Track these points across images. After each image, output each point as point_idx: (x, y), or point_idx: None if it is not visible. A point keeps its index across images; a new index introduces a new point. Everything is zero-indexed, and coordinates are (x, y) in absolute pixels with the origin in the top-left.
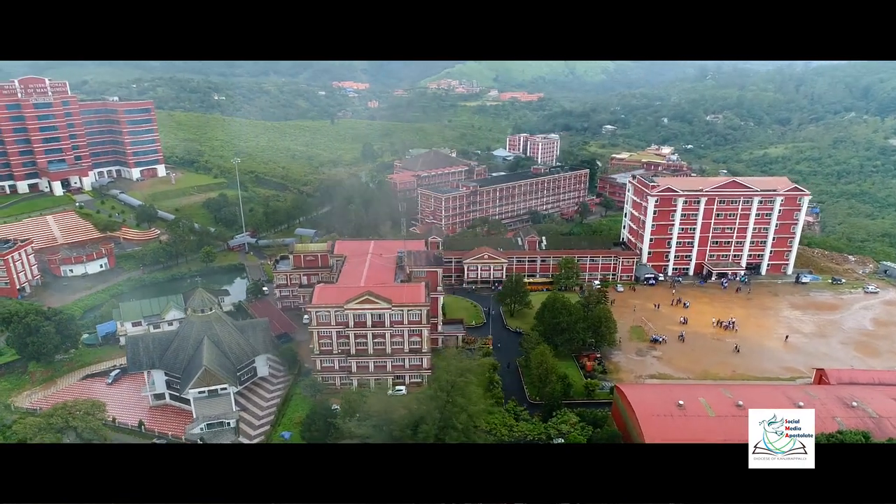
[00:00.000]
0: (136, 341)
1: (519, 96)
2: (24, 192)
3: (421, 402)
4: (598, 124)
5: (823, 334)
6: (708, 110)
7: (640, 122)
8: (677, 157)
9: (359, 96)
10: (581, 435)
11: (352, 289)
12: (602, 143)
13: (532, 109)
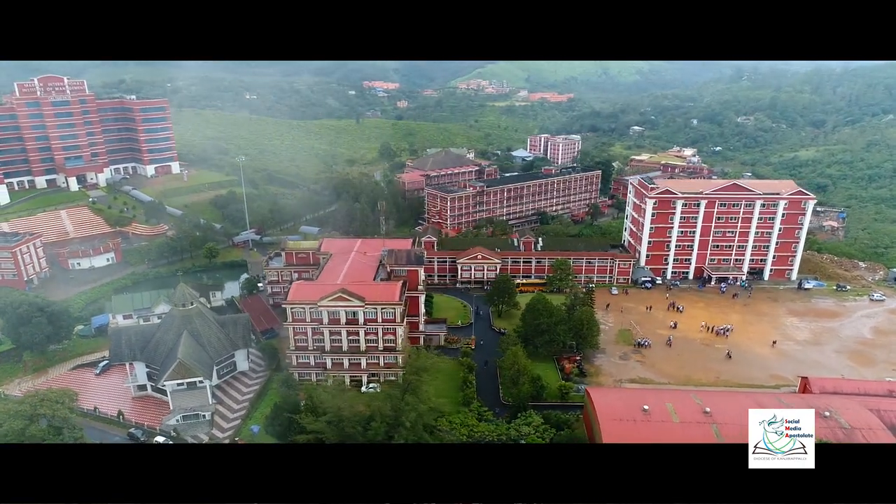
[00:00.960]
0: (119, 333)
1: (548, 97)
2: (42, 187)
3: (376, 399)
4: (626, 125)
5: (818, 342)
6: (739, 112)
7: (668, 123)
8: (698, 159)
9: (388, 96)
10: (540, 437)
11: (326, 286)
12: (627, 145)
13: (561, 110)
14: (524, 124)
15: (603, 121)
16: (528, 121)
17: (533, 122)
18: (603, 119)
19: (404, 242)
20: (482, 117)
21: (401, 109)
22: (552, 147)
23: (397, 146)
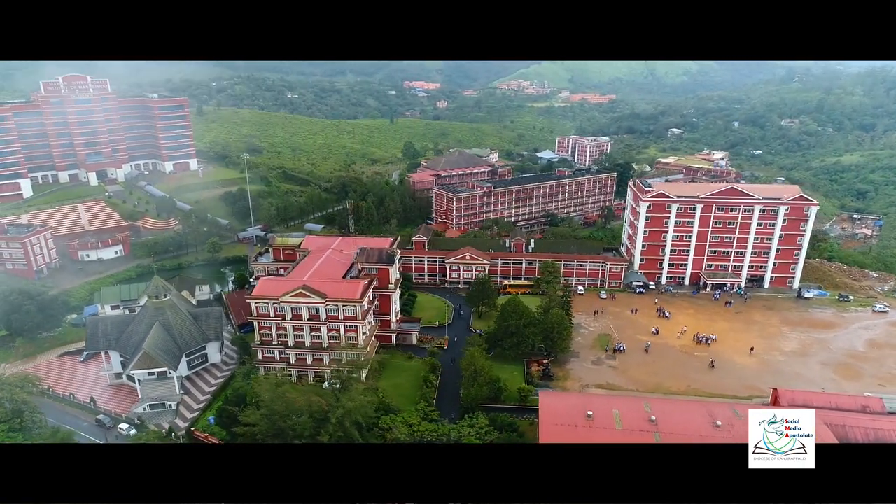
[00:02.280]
0: (95, 323)
1: (589, 98)
2: (65, 181)
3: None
4: (665, 127)
5: (805, 353)
6: (784, 114)
7: (709, 125)
8: (726, 162)
9: (428, 96)
10: (478, 439)
11: (290, 282)
12: (662, 147)
13: (602, 111)
14: (561, 125)
15: (642, 122)
16: (565, 122)
17: (571, 124)
18: (642, 121)
19: (383, 241)
20: (519, 118)
21: (439, 110)
22: (580, 148)
23: (423, 146)
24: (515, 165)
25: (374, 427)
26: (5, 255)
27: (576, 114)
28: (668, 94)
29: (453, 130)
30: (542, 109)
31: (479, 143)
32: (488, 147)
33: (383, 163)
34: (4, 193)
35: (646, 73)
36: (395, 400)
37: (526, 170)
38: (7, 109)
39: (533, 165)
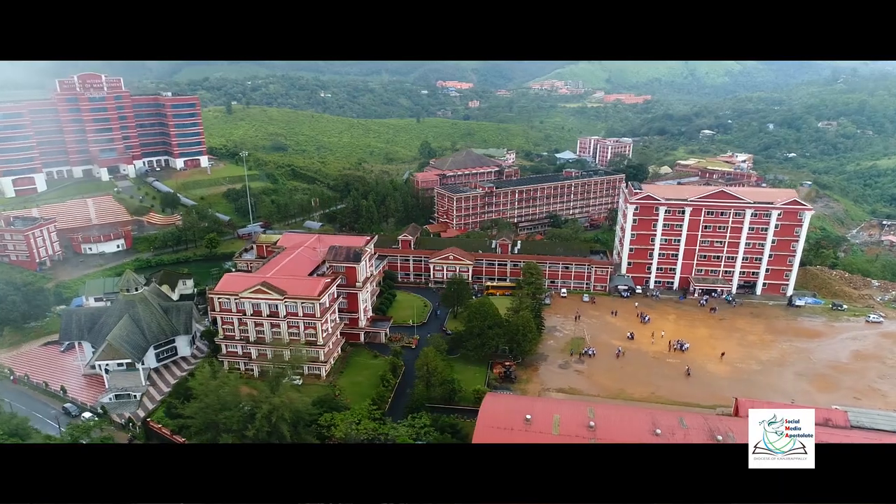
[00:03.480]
0: (69, 314)
1: (624, 98)
2: (79, 176)
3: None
4: (697, 129)
5: (783, 363)
6: (822, 116)
7: (742, 127)
8: (748, 165)
9: (460, 96)
10: (412, 438)
11: (252, 278)
12: (692, 149)
13: (636, 112)
14: (591, 126)
15: (674, 124)
16: (596, 122)
17: (601, 124)
18: (675, 122)
19: (358, 240)
20: (548, 118)
21: (470, 109)
22: (601, 149)
23: (440, 146)
24: (532, 166)
25: (314, 424)
26: (9, 247)
27: (609, 114)
28: (708, 94)
29: (479, 130)
30: (574, 110)
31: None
32: (505, 147)
33: (400, 162)
34: (20, 187)
35: (685, 74)
36: (351, 397)
37: (541, 170)
38: (23, 106)
39: (548, 166)
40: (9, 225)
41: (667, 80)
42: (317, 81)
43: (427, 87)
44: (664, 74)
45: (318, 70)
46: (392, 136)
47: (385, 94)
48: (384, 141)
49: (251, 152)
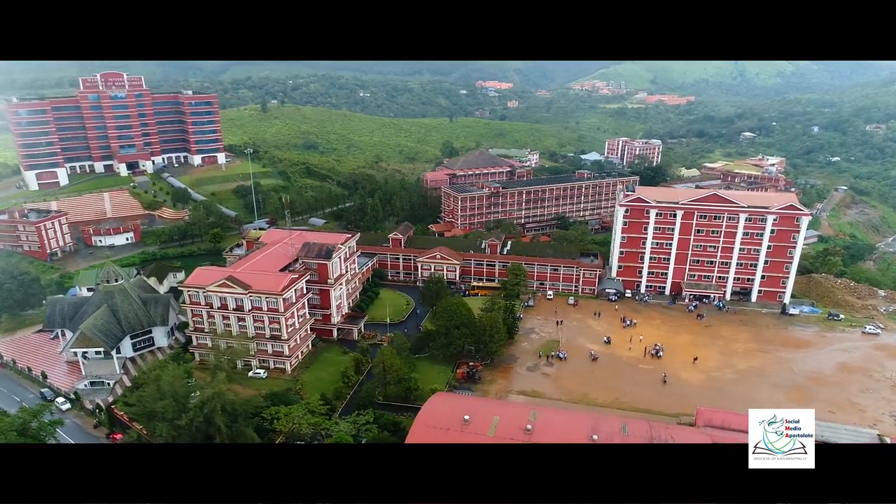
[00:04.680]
0: (54, 303)
1: (667, 99)
2: (100, 171)
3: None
4: (738, 131)
5: (762, 373)
6: (871, 119)
7: (785, 130)
8: (777, 168)
9: (499, 96)
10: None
11: (220, 272)
12: (729, 151)
13: (678, 113)
14: (629, 127)
15: (715, 126)
16: (635, 124)
17: (640, 126)
18: (716, 124)
19: (339, 237)
20: (585, 119)
21: (508, 109)
22: (629, 151)
23: (463, 145)
24: (553, 167)
25: (257, 416)
26: (22, 238)
27: (649, 116)
28: (757, 96)
29: (511, 130)
30: (614, 111)
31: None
32: (528, 148)
33: (422, 161)
34: (43, 181)
35: (734, 75)
36: (312, 392)
37: (561, 171)
38: (46, 104)
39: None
40: (23, 217)
41: (714, 80)
42: (356, 81)
43: (466, 86)
44: (712, 75)
45: (361, 70)
46: (423, 135)
47: (423, 93)
48: (414, 140)
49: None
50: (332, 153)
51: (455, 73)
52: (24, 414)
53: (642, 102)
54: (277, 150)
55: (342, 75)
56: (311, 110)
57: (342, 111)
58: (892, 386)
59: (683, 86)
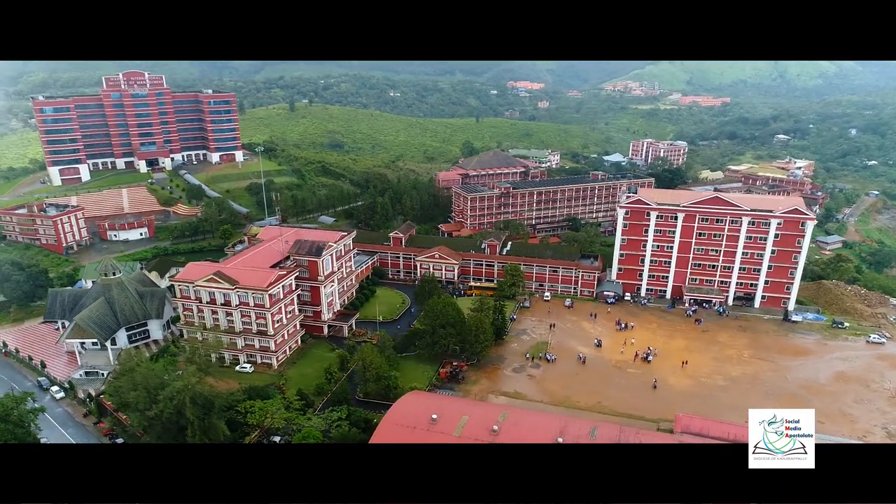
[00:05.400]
0: (54, 295)
1: (701, 100)
2: (121, 168)
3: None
4: (772, 133)
5: (754, 381)
6: None
7: (822, 132)
8: (803, 172)
9: (530, 96)
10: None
11: (210, 267)
12: (759, 154)
13: (712, 115)
14: (660, 128)
15: (748, 128)
16: (666, 125)
17: (671, 127)
18: (750, 126)
19: (333, 234)
20: (615, 120)
21: (539, 110)
22: (653, 152)
23: (483, 145)
24: (576, 168)
25: (232, 409)
26: (40, 232)
27: (682, 117)
28: (797, 97)
29: (538, 131)
30: (646, 112)
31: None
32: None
33: (443, 161)
34: (66, 177)
35: (774, 76)
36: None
37: (579, 172)
38: (70, 101)
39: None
40: (41, 211)
41: (753, 81)
42: (387, 81)
43: (497, 87)
44: (750, 76)
45: (393, 70)
46: (449, 135)
47: (453, 93)
48: (440, 140)
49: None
50: (357, 152)
51: (487, 74)
52: (6, 400)
53: (675, 103)
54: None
55: (373, 75)
56: (338, 109)
57: (368, 111)
58: (889, 397)
59: (720, 87)
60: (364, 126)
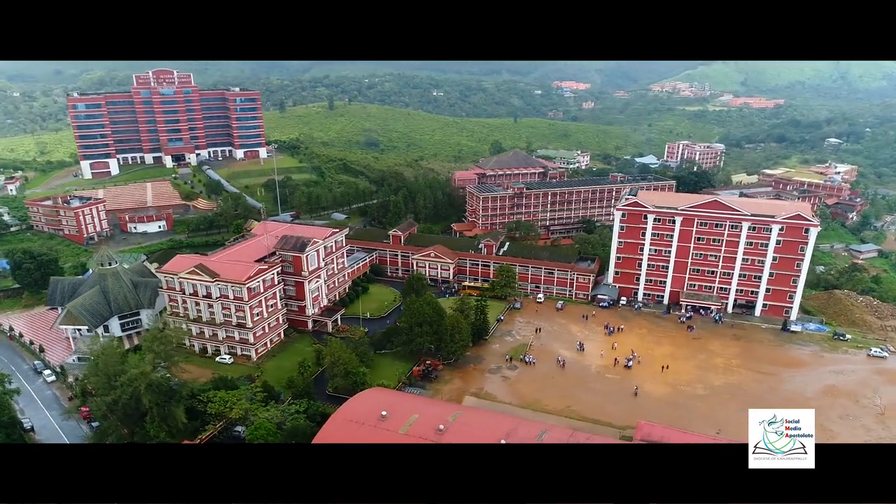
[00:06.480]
0: (55, 283)
1: (752, 102)
2: (149, 163)
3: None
4: (824, 136)
5: (736, 391)
6: None
7: (877, 136)
8: (844, 177)
9: (574, 97)
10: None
11: (194, 259)
12: (806, 158)
13: (763, 117)
14: (706, 130)
15: (800, 130)
16: (713, 127)
17: (718, 129)
18: (801, 129)
19: (325, 231)
20: (659, 121)
21: (582, 111)
22: (688, 155)
23: (513, 145)
24: (604, 169)
25: (195, 397)
26: (63, 223)
27: (731, 119)
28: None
29: (577, 132)
30: (693, 113)
31: (597, 146)
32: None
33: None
34: (96, 171)
35: (835, 77)
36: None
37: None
38: (101, 98)
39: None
40: (65, 203)
41: (812, 83)
42: (430, 80)
43: (542, 87)
44: (809, 77)
45: (439, 69)
46: (485, 135)
47: (497, 93)
48: (476, 140)
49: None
50: (391, 151)
51: (533, 73)
52: None
53: (725, 105)
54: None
55: (417, 74)
56: (376, 108)
57: (406, 110)
58: (877, 414)
59: (777, 88)
60: (400, 125)
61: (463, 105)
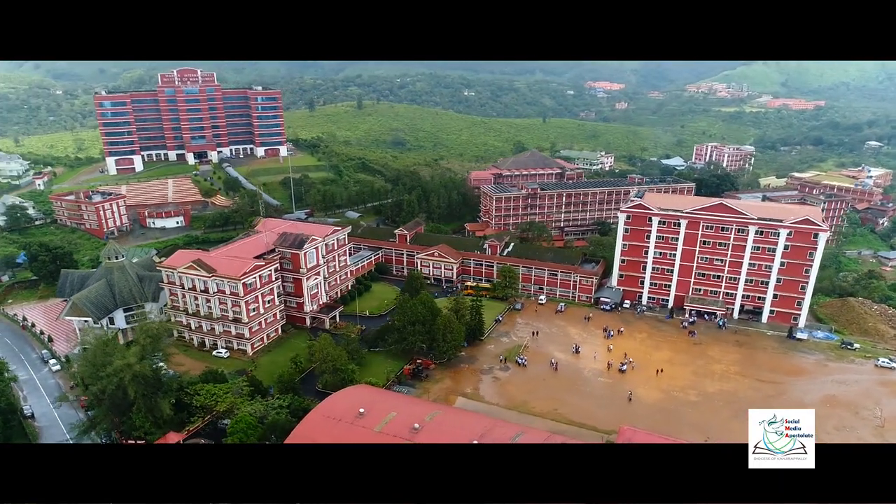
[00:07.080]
0: (65, 275)
1: (791, 103)
2: (172, 160)
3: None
4: (863, 139)
5: (730, 399)
6: None
7: None
8: (877, 181)
9: (608, 97)
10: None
11: (192, 254)
12: (843, 161)
13: (803, 119)
14: (741, 132)
15: (839, 133)
16: (748, 129)
17: (754, 131)
18: (840, 131)
19: (327, 229)
20: (693, 122)
21: (616, 111)
22: (717, 157)
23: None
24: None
25: (182, 390)
26: (85, 217)
27: (768, 120)
28: None
29: (606, 132)
30: (728, 115)
31: (626, 147)
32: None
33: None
34: (121, 167)
35: (881, 78)
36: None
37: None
38: (127, 96)
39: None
40: (87, 198)
41: (856, 84)
42: (462, 80)
43: (575, 87)
44: (854, 78)
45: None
46: (513, 135)
47: (529, 93)
48: (503, 140)
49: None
50: (418, 150)
51: (567, 74)
52: None
53: (763, 106)
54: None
55: (448, 74)
56: (404, 108)
57: (434, 110)
58: (876, 427)
59: (819, 89)
60: (428, 124)
61: (494, 105)
